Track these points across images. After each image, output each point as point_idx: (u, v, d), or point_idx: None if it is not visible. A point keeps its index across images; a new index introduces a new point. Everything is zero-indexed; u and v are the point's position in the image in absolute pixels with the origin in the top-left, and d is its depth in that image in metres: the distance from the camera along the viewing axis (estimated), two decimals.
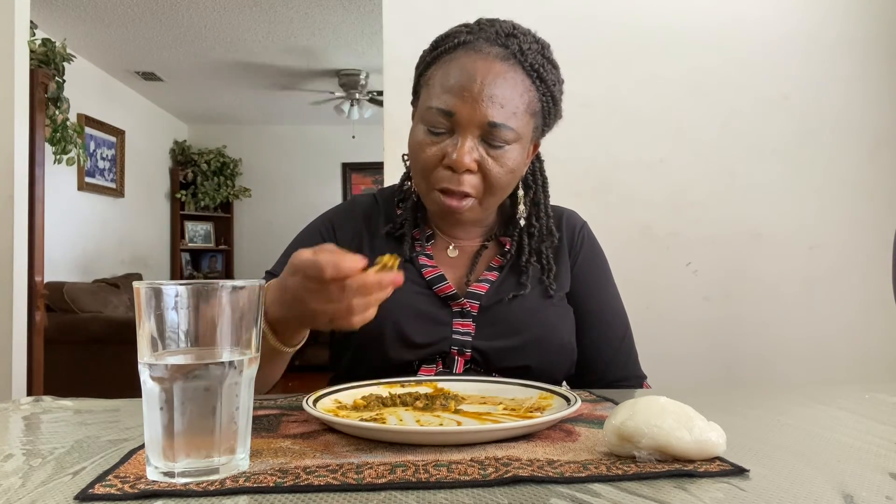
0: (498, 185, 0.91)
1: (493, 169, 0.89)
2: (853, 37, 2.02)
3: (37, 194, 2.73)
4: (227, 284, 0.50)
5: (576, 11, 1.97)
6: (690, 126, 1.99)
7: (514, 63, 0.89)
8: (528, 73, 0.90)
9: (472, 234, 1.03)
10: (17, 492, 0.47)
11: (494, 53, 0.89)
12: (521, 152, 0.93)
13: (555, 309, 0.98)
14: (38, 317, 2.71)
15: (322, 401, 0.70)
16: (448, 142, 0.89)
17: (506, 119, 0.88)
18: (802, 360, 1.96)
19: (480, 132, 0.88)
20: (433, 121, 0.89)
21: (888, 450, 0.57)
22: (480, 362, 0.93)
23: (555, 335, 0.96)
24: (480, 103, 0.86)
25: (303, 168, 6.80)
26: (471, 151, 0.87)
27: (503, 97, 0.87)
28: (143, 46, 4.53)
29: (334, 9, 3.90)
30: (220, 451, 0.49)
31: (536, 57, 0.92)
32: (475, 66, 0.88)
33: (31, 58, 2.80)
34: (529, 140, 0.95)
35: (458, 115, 0.87)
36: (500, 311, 0.94)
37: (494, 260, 1.00)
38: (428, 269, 0.97)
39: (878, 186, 2.01)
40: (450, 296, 0.94)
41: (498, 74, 0.88)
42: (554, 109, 0.97)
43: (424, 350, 0.92)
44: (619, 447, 0.52)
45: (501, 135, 0.88)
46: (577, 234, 1.06)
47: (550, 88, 0.94)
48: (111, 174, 5.12)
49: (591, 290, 1.03)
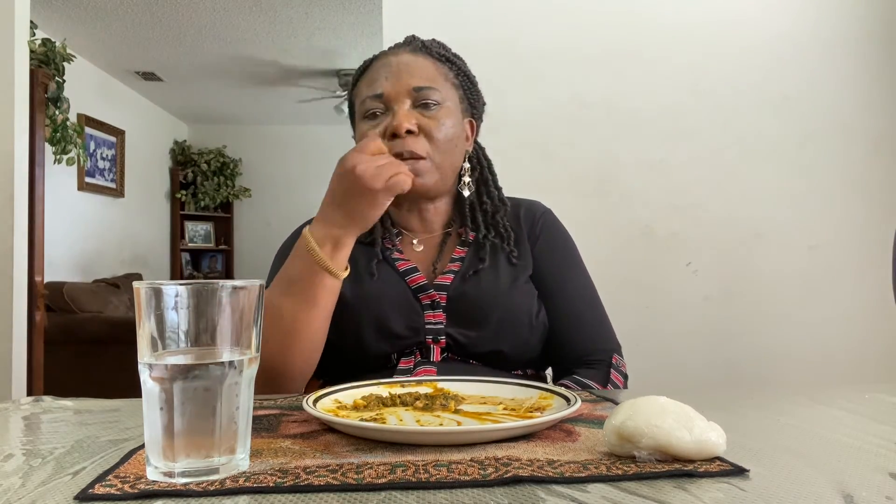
0: (442, 142, 0.99)
1: (433, 128, 0.98)
2: (853, 37, 2.02)
3: (37, 194, 2.73)
4: (227, 284, 0.50)
5: (576, 11, 1.97)
6: (690, 126, 1.99)
7: (421, 53, 1.04)
8: (436, 59, 1.04)
9: (433, 226, 1.09)
10: (17, 492, 0.47)
11: (402, 50, 1.04)
12: (454, 115, 1.02)
13: (519, 290, 1.01)
14: (38, 317, 2.71)
15: (322, 401, 0.70)
16: (386, 120, 0.99)
17: (428, 82, 1.00)
18: (802, 360, 1.96)
19: (410, 99, 0.99)
20: (368, 108, 1.00)
21: (888, 450, 0.56)
22: (455, 349, 0.96)
23: (522, 313, 0.99)
24: (402, 77, 1.00)
25: (303, 168, 6.80)
26: (407, 116, 0.97)
27: (419, 70, 1.01)
28: (143, 46, 4.53)
29: (334, 9, 3.90)
30: (220, 451, 0.49)
31: (439, 48, 1.06)
32: (389, 60, 1.03)
33: (31, 58, 2.80)
34: (460, 109, 1.05)
35: (387, 91, 0.99)
36: (467, 299, 0.98)
37: (456, 251, 1.05)
38: (401, 262, 1.02)
39: (878, 186, 2.01)
40: (420, 286, 0.99)
41: (410, 59, 1.02)
42: (472, 88, 1.09)
43: (402, 341, 0.96)
44: (619, 447, 0.52)
45: (429, 95, 0.99)
46: (538, 220, 1.10)
47: (462, 68, 1.07)
48: (111, 174, 5.12)
49: (553, 269, 1.06)
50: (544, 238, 1.08)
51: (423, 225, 1.08)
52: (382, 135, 0.97)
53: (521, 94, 1.96)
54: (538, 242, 1.08)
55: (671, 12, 2.00)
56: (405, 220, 1.09)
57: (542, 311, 1.02)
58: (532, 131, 1.96)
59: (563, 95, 1.97)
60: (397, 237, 1.07)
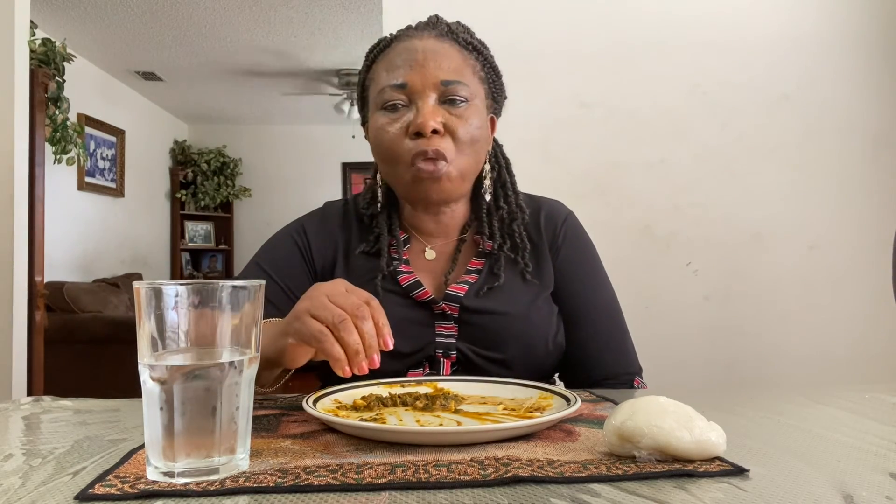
0: (467, 144, 0.91)
1: (460, 128, 0.90)
2: (853, 36, 2.02)
3: (37, 194, 2.72)
4: (227, 284, 0.50)
5: (576, 11, 1.97)
6: (690, 126, 1.99)
7: (448, 39, 0.94)
8: (463, 47, 0.95)
9: (449, 230, 1.01)
10: (17, 492, 0.47)
11: (427, 34, 0.94)
12: (481, 114, 0.94)
13: (537, 310, 0.95)
14: (38, 317, 2.71)
15: (322, 401, 0.70)
16: (408, 114, 0.90)
17: (456, 76, 0.91)
18: (802, 360, 1.96)
19: (437, 93, 0.90)
20: (388, 98, 0.91)
21: (888, 450, 0.56)
22: (465, 365, 0.92)
23: (538, 338, 0.94)
24: (428, 67, 0.90)
25: (303, 168, 6.80)
26: (434, 112, 0.89)
27: (448, 60, 0.91)
28: (143, 46, 4.53)
29: (334, 9, 3.90)
30: (220, 451, 0.49)
31: (466, 34, 0.96)
32: (413, 44, 0.93)
33: (31, 58, 2.80)
34: (485, 105, 0.97)
35: (412, 83, 0.90)
36: (481, 317, 0.93)
37: (472, 262, 0.98)
38: (404, 276, 0.96)
39: (879, 186, 2.01)
40: (429, 300, 0.94)
41: (437, 47, 0.92)
42: (497, 81, 1.01)
43: (411, 358, 0.92)
44: (619, 447, 0.52)
45: (457, 90, 0.90)
46: (560, 227, 1.02)
47: (489, 59, 0.98)
48: (111, 174, 5.12)
49: (576, 287, 1.00)
50: (566, 250, 1.01)
51: (438, 228, 1.00)
52: (405, 131, 0.90)
53: (521, 94, 1.95)
54: (560, 254, 1.00)
55: (671, 12, 1.99)
56: (419, 221, 1.00)
57: (561, 332, 0.97)
58: (532, 132, 1.96)
59: (563, 95, 1.97)
60: (406, 245, 1.00)
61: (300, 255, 1.01)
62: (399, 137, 0.90)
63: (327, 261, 1.01)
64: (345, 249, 1.02)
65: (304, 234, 1.03)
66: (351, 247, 1.02)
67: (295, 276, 0.99)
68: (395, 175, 0.94)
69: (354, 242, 1.02)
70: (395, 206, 1.03)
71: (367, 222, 1.03)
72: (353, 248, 1.01)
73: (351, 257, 1.00)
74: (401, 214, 1.02)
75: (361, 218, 1.04)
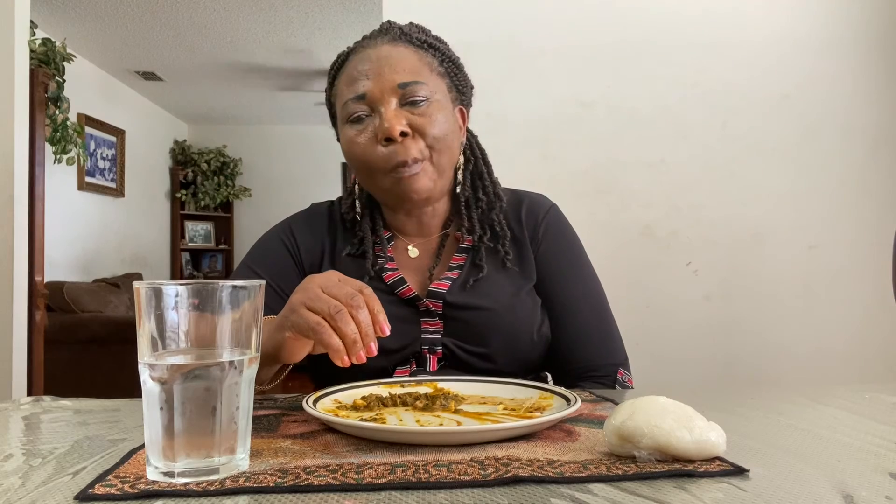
0: (439, 140, 0.92)
1: (426, 126, 0.91)
2: (853, 36, 2.02)
3: (37, 194, 2.73)
4: (227, 284, 0.50)
5: (576, 11, 1.97)
6: (690, 126, 1.99)
7: (402, 42, 0.96)
8: (418, 46, 0.96)
9: (430, 229, 1.03)
10: (17, 492, 0.47)
11: (381, 41, 0.96)
12: (445, 109, 0.95)
13: (521, 302, 0.96)
14: (38, 317, 2.71)
15: (322, 401, 0.70)
16: (373, 123, 0.92)
17: (413, 77, 0.92)
18: (802, 360, 1.96)
19: (396, 97, 0.92)
20: (352, 111, 0.93)
21: (888, 450, 0.56)
22: (451, 360, 0.93)
23: (523, 331, 0.94)
24: (384, 74, 0.92)
25: (303, 168, 6.80)
26: (396, 116, 0.90)
27: (402, 63, 0.93)
28: (143, 46, 4.53)
29: (334, 9, 3.90)
30: (220, 451, 0.49)
31: (419, 34, 0.98)
32: (368, 54, 0.95)
33: (31, 57, 2.80)
34: (449, 100, 0.97)
35: (370, 92, 0.91)
36: (466, 311, 0.93)
37: (454, 258, 0.99)
38: (388, 274, 0.97)
39: (878, 186, 2.01)
40: (413, 297, 0.95)
41: (391, 52, 0.94)
42: (459, 73, 1.01)
43: (398, 354, 0.93)
44: (619, 447, 0.52)
45: (416, 91, 0.92)
46: (541, 219, 1.03)
47: (446, 53, 0.99)
48: (111, 174, 5.12)
49: (559, 278, 1.00)
50: (547, 242, 1.01)
51: (419, 228, 1.02)
52: (374, 140, 0.91)
53: (521, 94, 1.96)
54: (541, 247, 1.01)
55: (671, 12, 1.99)
56: (401, 223, 1.03)
57: (545, 324, 0.98)
58: (532, 131, 1.96)
59: (563, 95, 1.97)
60: (389, 243, 1.02)
61: (289, 255, 1.03)
62: (370, 146, 0.92)
63: (315, 261, 1.03)
64: (331, 251, 1.03)
65: (291, 234, 1.05)
66: (337, 249, 1.03)
67: (285, 276, 1.00)
68: (373, 183, 0.96)
69: (340, 245, 1.03)
70: (377, 208, 1.04)
71: (349, 226, 1.05)
72: (340, 251, 1.03)
73: (337, 259, 1.02)
74: (383, 215, 1.04)
75: (346, 221, 1.05)
